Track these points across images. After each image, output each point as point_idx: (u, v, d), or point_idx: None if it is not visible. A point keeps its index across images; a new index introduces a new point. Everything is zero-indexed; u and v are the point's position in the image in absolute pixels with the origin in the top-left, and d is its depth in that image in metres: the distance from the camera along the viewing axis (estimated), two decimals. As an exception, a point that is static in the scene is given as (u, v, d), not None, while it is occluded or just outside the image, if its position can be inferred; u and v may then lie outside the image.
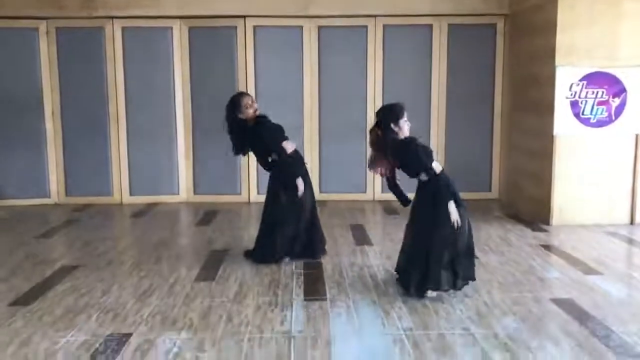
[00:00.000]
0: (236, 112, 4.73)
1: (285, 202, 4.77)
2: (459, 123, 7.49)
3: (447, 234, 3.87)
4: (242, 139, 4.85)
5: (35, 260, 5.02)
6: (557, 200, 6.09)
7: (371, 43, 7.36)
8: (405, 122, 4.07)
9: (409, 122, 4.10)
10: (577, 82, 5.93)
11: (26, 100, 7.32)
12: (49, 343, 3.33)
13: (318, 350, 3.22)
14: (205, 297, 4.06)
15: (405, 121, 4.07)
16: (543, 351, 3.18)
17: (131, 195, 7.53)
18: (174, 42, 7.34)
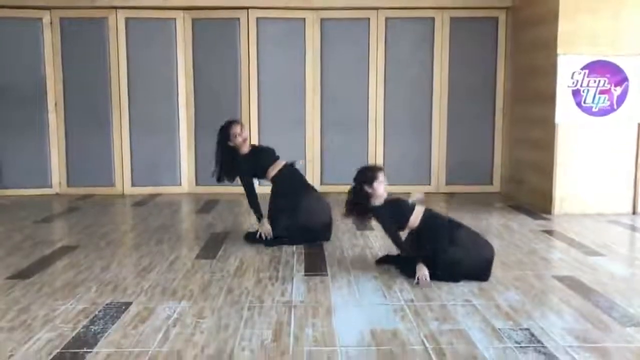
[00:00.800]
0: (225, 140, 4.82)
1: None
2: (461, 116, 7.49)
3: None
4: (230, 166, 4.88)
5: (34, 241, 5.00)
6: (559, 190, 6.07)
7: (373, 35, 7.38)
8: (380, 183, 4.00)
9: (385, 182, 4.03)
10: (579, 70, 5.93)
11: (29, 91, 7.33)
12: (48, 310, 3.30)
13: (319, 318, 3.19)
14: (206, 273, 4.04)
15: (380, 182, 4.00)
16: (546, 320, 3.16)
17: (133, 185, 7.53)
18: (177, 33, 7.37)
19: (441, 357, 2.69)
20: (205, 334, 2.96)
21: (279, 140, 7.41)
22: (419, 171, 7.58)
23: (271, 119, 7.45)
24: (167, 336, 2.93)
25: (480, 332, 2.98)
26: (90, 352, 2.74)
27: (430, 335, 2.94)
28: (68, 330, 3.01)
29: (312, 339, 2.89)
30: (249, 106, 7.43)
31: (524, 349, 2.77)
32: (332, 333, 2.97)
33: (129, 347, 2.79)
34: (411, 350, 2.76)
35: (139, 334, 2.95)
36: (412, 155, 7.57)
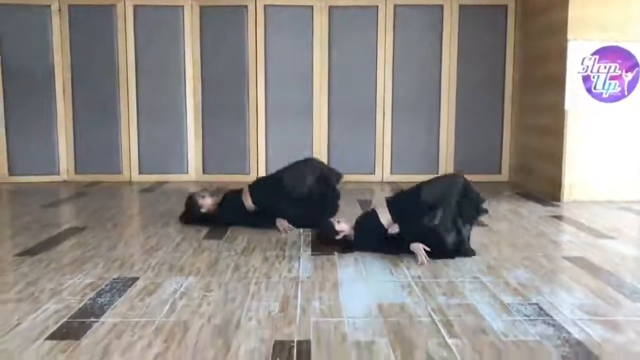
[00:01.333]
0: (198, 212, 4.82)
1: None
2: (469, 104, 7.45)
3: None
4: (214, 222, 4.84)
5: (42, 223, 5.00)
6: (568, 177, 6.01)
7: (382, 23, 7.35)
8: (339, 223, 4.06)
9: (341, 220, 4.11)
10: (589, 56, 5.88)
11: (37, 78, 7.34)
12: (55, 284, 3.30)
13: (325, 292, 3.17)
14: (213, 252, 4.03)
15: (339, 223, 4.06)
16: (555, 296, 3.13)
17: (140, 173, 7.53)
18: (185, 21, 7.36)
19: (449, 328, 2.67)
20: (212, 305, 2.95)
21: (286, 128, 7.45)
22: (427, 160, 7.54)
23: (278, 107, 7.43)
24: (174, 308, 2.92)
25: (488, 306, 2.96)
26: (96, 322, 2.73)
27: (437, 308, 2.92)
28: (75, 302, 3.01)
29: (319, 311, 2.87)
30: (256, 94, 7.42)
31: (532, 322, 2.74)
32: (339, 306, 2.95)
33: (136, 318, 2.79)
34: (418, 322, 2.74)
35: (146, 306, 2.95)
36: (420, 144, 7.54)
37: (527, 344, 2.49)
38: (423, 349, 2.44)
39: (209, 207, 4.83)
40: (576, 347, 2.46)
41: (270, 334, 2.58)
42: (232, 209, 4.80)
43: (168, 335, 2.58)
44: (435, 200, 3.85)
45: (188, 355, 2.37)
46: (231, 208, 4.82)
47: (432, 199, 3.86)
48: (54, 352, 2.40)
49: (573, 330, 2.63)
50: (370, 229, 4.02)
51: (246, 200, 4.81)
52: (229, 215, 4.78)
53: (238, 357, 2.36)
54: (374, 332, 2.62)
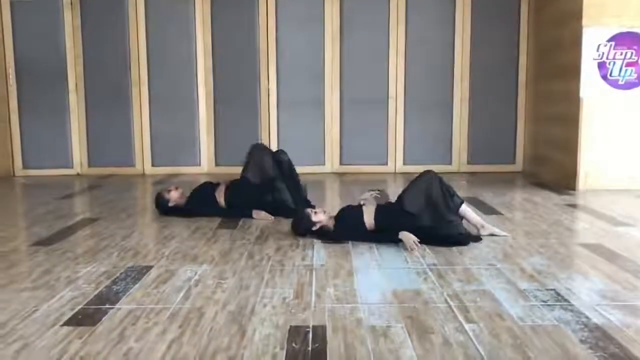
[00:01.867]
0: (167, 206, 4.90)
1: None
2: (483, 94, 7.39)
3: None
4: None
5: (56, 214, 5.03)
6: (584, 166, 5.94)
7: (393, 13, 7.30)
8: (316, 214, 4.05)
9: (317, 210, 4.11)
10: (605, 42, 5.80)
11: (50, 71, 7.39)
12: (70, 272, 3.32)
13: (340, 279, 3.16)
14: (227, 241, 4.03)
15: (315, 213, 4.05)
16: (573, 282, 3.09)
17: (153, 166, 7.55)
18: (196, 11, 7.35)
19: (465, 313, 2.64)
20: (226, 292, 2.95)
21: (297, 119, 7.43)
22: (440, 150, 7.50)
23: (290, 97, 7.41)
24: (188, 295, 2.92)
25: (505, 292, 2.93)
26: (112, 308, 2.74)
27: (454, 294, 2.90)
28: (90, 289, 3.02)
29: (334, 297, 2.86)
30: (268, 84, 7.40)
31: (550, 307, 2.71)
32: (354, 292, 2.94)
33: (151, 304, 2.79)
34: (434, 308, 2.72)
35: (160, 293, 2.95)
36: (432, 134, 7.49)
37: (545, 329, 2.46)
38: (440, 334, 2.42)
39: (176, 200, 4.92)
40: (596, 332, 2.42)
41: (285, 320, 2.57)
42: (202, 200, 4.89)
43: (183, 321, 2.58)
44: (420, 208, 3.85)
45: (203, 341, 2.37)
46: (201, 198, 4.91)
47: (417, 208, 3.86)
48: (70, 337, 2.41)
49: (592, 315, 2.60)
50: (352, 222, 4.00)
51: (219, 198, 4.87)
52: (198, 205, 4.85)
53: (253, 342, 2.35)
54: (390, 317, 2.60)
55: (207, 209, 4.82)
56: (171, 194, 4.95)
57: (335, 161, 7.56)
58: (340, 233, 3.99)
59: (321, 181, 6.88)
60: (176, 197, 4.95)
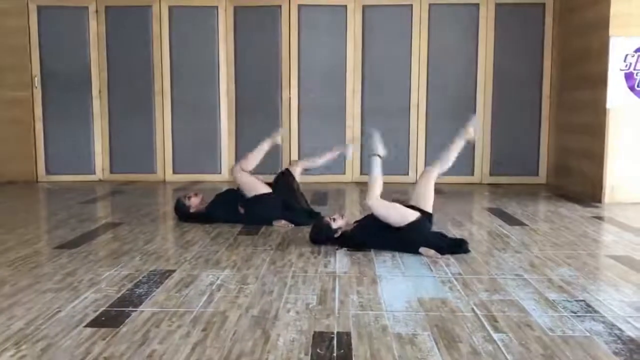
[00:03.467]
0: (187, 212, 4.92)
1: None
2: (506, 105, 7.32)
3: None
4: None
5: (79, 218, 5.06)
6: (610, 178, 5.84)
7: (416, 22, 7.28)
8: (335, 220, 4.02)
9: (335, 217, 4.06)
10: (632, 53, 5.71)
11: (74, 78, 7.47)
12: (93, 275, 3.32)
13: (364, 286, 3.12)
14: (248, 246, 4.01)
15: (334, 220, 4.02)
16: (603, 293, 3.01)
17: (174, 173, 7.58)
18: (219, 21, 7.40)
19: (493, 323, 2.58)
20: (249, 297, 2.92)
21: (319, 127, 7.42)
22: (462, 161, 7.30)
23: (312, 106, 7.41)
24: (212, 299, 2.90)
25: (533, 302, 2.86)
26: (135, 311, 2.72)
27: (480, 303, 2.84)
28: (113, 292, 3.01)
29: (358, 304, 2.82)
30: (290, 93, 7.41)
31: (580, 318, 2.64)
32: (378, 300, 2.89)
33: (173, 308, 2.77)
34: (462, 317, 2.66)
35: (183, 297, 2.93)
36: (454, 144, 7.40)
37: (576, 340, 2.40)
38: (468, 343, 2.36)
39: (196, 206, 4.93)
40: (629, 344, 2.35)
41: (309, 326, 2.54)
42: (224, 206, 4.88)
43: (206, 324, 2.55)
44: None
45: (227, 345, 2.34)
46: (223, 205, 4.89)
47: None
48: (94, 338, 2.40)
49: (624, 327, 2.53)
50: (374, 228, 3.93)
51: (240, 206, 4.84)
52: (219, 211, 4.85)
53: (277, 347, 2.32)
54: (416, 325, 2.55)
55: (227, 215, 4.81)
56: (192, 200, 4.96)
57: (355, 171, 7.53)
58: (360, 236, 3.93)
59: (341, 190, 6.85)
60: (197, 203, 4.96)
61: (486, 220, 5.04)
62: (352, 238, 3.96)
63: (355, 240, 3.94)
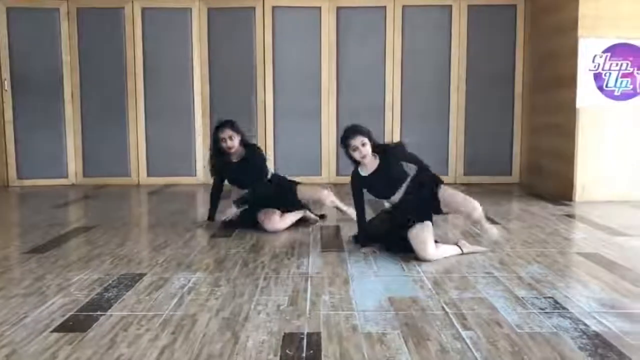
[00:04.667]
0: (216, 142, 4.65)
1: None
2: (479, 105, 7.40)
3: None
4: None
5: (51, 222, 4.98)
6: (580, 177, 5.93)
7: (390, 24, 7.32)
8: (356, 149, 3.82)
9: (362, 146, 3.82)
10: (601, 53, 5.82)
11: (46, 81, 7.37)
12: (62, 280, 3.27)
13: (335, 286, 3.12)
14: (221, 249, 3.99)
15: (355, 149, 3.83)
16: (571, 290, 3.06)
17: (148, 176, 7.52)
18: (192, 23, 7.36)
19: (462, 321, 2.60)
20: (220, 300, 2.90)
21: (294, 129, 7.42)
22: (436, 161, 7.41)
23: (287, 108, 7.41)
24: (182, 302, 2.88)
25: (502, 299, 2.89)
26: (103, 315, 2.69)
27: (451, 302, 2.86)
28: (82, 296, 2.97)
29: (329, 304, 2.82)
30: (265, 95, 7.40)
31: (548, 314, 2.67)
32: (349, 299, 2.90)
33: (143, 311, 2.74)
34: (432, 315, 2.68)
35: (153, 300, 2.90)
36: (429, 145, 7.42)
37: (543, 336, 2.42)
38: (437, 341, 2.38)
39: (226, 147, 4.51)
40: (594, 339, 2.39)
41: (279, 327, 2.53)
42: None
43: (175, 327, 2.53)
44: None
45: (196, 347, 2.32)
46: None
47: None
48: (60, 343, 2.36)
49: (590, 323, 2.56)
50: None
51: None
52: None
53: (246, 348, 2.31)
54: (386, 324, 2.56)
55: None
56: (230, 142, 4.50)
57: (331, 172, 7.55)
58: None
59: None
60: (226, 149, 4.52)
61: (460, 219, 5.07)
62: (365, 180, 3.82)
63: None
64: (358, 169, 3.88)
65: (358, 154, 3.78)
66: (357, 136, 3.79)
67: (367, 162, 3.83)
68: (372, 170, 3.85)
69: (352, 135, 3.81)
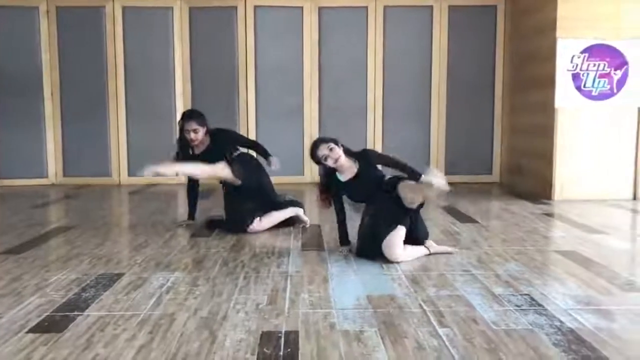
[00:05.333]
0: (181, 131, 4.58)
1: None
2: (460, 105, 7.45)
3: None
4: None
5: (29, 222, 4.94)
6: (559, 176, 6.00)
7: (371, 24, 7.35)
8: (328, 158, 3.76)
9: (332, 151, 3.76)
10: (579, 54, 5.89)
11: (25, 80, 7.29)
12: (39, 280, 3.24)
13: (315, 285, 3.13)
14: (202, 248, 3.98)
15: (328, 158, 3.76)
16: (547, 287, 3.09)
17: (129, 176, 7.47)
18: (174, 22, 7.33)
19: (439, 318, 2.62)
20: (199, 299, 2.90)
21: (276, 129, 7.41)
22: (418, 161, 7.44)
23: (269, 107, 7.41)
24: (160, 301, 2.86)
25: (479, 297, 2.92)
26: (80, 315, 2.67)
27: (428, 299, 2.88)
28: (59, 297, 2.95)
29: (308, 303, 2.83)
30: (247, 94, 7.39)
31: (524, 311, 2.70)
32: (328, 298, 2.91)
33: (120, 311, 2.72)
34: (409, 312, 2.70)
35: (131, 300, 2.89)
36: (410, 144, 7.50)
37: (519, 332, 2.45)
38: (413, 338, 2.39)
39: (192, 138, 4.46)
40: (569, 335, 2.42)
41: (257, 325, 2.53)
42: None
43: (153, 327, 2.52)
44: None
45: (173, 346, 2.32)
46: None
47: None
48: (36, 344, 2.34)
49: (565, 319, 2.60)
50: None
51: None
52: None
53: (224, 347, 2.31)
54: (363, 322, 2.57)
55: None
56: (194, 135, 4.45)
57: (314, 171, 7.53)
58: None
59: (301, 191, 6.85)
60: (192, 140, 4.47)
61: (439, 218, 5.12)
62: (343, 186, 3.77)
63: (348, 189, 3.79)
64: (336, 173, 3.81)
65: (330, 160, 3.71)
66: (321, 145, 3.75)
67: (344, 166, 3.75)
68: (351, 176, 3.78)
69: (317, 146, 3.75)
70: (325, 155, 3.72)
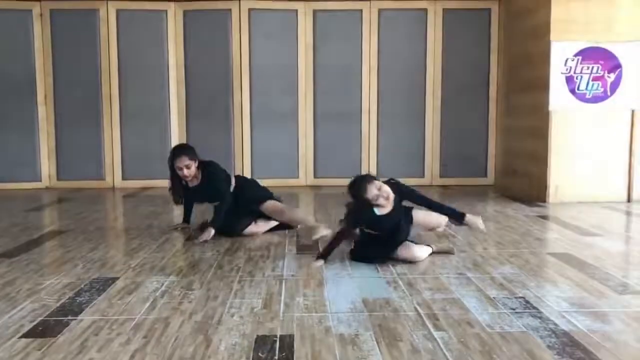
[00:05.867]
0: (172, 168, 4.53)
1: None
2: (454, 107, 7.48)
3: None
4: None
5: (23, 226, 4.92)
6: (554, 178, 6.02)
7: (366, 27, 7.37)
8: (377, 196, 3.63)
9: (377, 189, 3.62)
10: (572, 57, 5.91)
11: (19, 83, 7.28)
12: (33, 284, 3.22)
13: (310, 289, 3.12)
14: (196, 252, 3.97)
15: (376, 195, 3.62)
16: (541, 289, 3.10)
17: (123, 179, 7.45)
18: (168, 25, 7.32)
19: (434, 321, 2.63)
20: (193, 303, 2.89)
21: (271, 132, 7.41)
22: (413, 163, 7.53)
23: (263, 110, 7.41)
24: (154, 305, 2.85)
25: (474, 300, 2.92)
26: (74, 320, 2.66)
27: (423, 302, 2.88)
28: (52, 301, 2.93)
29: (303, 307, 2.82)
30: (241, 97, 7.39)
31: (519, 314, 2.71)
32: (323, 302, 2.90)
33: (115, 315, 2.72)
34: (404, 316, 2.70)
35: (125, 304, 2.88)
36: (405, 147, 7.53)
37: (513, 335, 2.46)
38: (408, 341, 2.40)
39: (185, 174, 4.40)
40: (563, 337, 2.43)
41: (252, 329, 2.53)
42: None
43: (147, 331, 2.51)
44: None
45: (167, 351, 2.31)
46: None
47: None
48: (29, 349, 2.33)
49: (559, 322, 2.60)
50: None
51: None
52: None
53: (219, 351, 2.30)
54: (359, 325, 2.57)
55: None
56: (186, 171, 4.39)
57: (309, 174, 7.55)
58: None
59: (296, 194, 6.85)
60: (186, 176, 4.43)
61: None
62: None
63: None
64: (373, 209, 3.62)
65: (382, 200, 3.55)
66: (368, 186, 3.55)
67: (389, 202, 3.62)
68: (389, 210, 3.62)
69: (365, 189, 3.54)
70: (377, 195, 3.55)
